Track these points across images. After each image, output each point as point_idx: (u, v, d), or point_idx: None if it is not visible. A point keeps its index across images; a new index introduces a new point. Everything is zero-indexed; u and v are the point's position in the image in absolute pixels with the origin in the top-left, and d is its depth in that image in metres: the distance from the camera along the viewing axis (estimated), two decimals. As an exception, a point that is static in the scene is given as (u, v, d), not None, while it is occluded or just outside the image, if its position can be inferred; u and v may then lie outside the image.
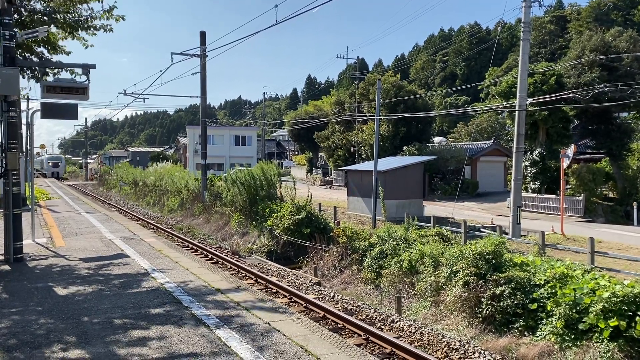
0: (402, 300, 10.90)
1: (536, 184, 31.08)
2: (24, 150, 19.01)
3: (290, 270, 14.53)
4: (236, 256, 16.34)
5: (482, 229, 18.37)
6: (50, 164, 72.97)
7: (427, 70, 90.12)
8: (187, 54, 24.73)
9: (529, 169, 30.90)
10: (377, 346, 8.29)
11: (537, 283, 8.90)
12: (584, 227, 23.24)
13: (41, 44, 11.50)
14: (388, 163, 27.33)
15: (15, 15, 10.53)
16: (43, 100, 10.76)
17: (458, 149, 39.28)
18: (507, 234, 17.39)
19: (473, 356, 8.03)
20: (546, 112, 28.74)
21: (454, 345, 8.43)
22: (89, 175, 73.70)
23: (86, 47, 11.49)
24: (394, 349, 8.03)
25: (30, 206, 15.04)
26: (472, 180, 37.39)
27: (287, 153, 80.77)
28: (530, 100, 21.33)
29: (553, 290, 8.48)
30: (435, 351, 8.34)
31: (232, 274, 12.11)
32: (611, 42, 29.49)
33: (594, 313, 7.45)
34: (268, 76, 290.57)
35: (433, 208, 27.98)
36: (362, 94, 45.03)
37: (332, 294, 11.77)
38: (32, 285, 8.11)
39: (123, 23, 11.60)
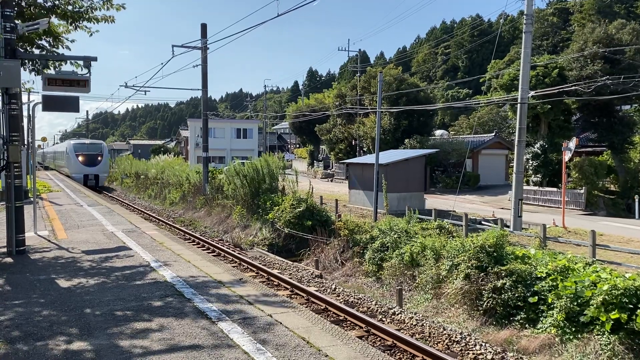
0: (403, 292, 10.93)
1: (538, 177, 31.05)
2: (26, 142, 19.02)
3: (291, 263, 14.56)
4: (238, 249, 16.37)
5: (483, 222, 18.38)
6: (79, 158, 37.61)
7: (428, 63, 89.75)
8: (188, 47, 24.66)
9: (531, 162, 30.85)
10: (379, 338, 8.32)
11: (539, 276, 8.92)
12: (585, 220, 23.24)
13: (42, 37, 11.47)
14: (389, 156, 27.31)
15: (16, 8, 10.50)
16: (44, 93, 10.75)
17: (459, 142, 39.21)
18: (508, 226, 17.40)
19: (474, 348, 8.06)
20: (548, 105, 28.67)
21: (455, 337, 8.46)
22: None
23: (91, 35, 11.44)
24: (395, 341, 8.06)
25: (32, 199, 15.05)
26: (473, 173, 37.36)
27: (289, 146, 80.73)
28: (532, 93, 21.26)
29: (554, 283, 8.49)
30: (437, 343, 8.37)
31: (234, 267, 12.14)
32: (614, 34, 29.36)
33: (595, 306, 7.47)
34: (269, 69, 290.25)
35: (434, 201, 27.99)
36: (363, 87, 44.91)
37: (333, 287, 11.80)
38: (34, 278, 8.14)
39: (123, 15, 11.66)
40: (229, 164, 24.78)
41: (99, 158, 38.09)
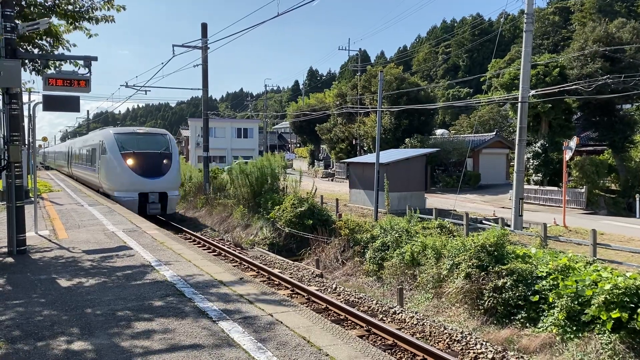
0: (404, 292, 10.93)
1: (538, 176, 31.03)
2: (26, 142, 19.03)
3: (292, 262, 14.58)
4: (238, 248, 16.39)
5: (484, 221, 18.37)
6: (129, 161, 20.06)
7: (429, 62, 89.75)
8: (188, 46, 24.69)
9: (531, 161, 30.83)
10: (379, 337, 8.33)
11: (539, 275, 8.92)
12: (586, 219, 23.22)
13: (43, 37, 11.47)
14: (390, 155, 27.31)
15: (16, 7, 10.50)
16: (45, 93, 10.75)
17: (460, 141, 39.21)
18: (509, 226, 17.40)
19: (475, 347, 8.06)
20: (549, 104, 28.66)
21: (456, 336, 8.46)
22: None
23: (90, 37, 11.49)
24: (395, 341, 8.07)
25: (32, 198, 15.06)
26: (474, 173, 37.34)
27: (289, 145, 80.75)
28: (532, 92, 21.24)
29: (555, 282, 8.50)
30: (437, 342, 8.37)
31: (234, 266, 12.14)
32: (614, 33, 29.32)
33: (596, 305, 7.47)
34: (270, 68, 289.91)
35: (435, 200, 27.98)
36: (364, 86, 44.91)
37: (334, 286, 11.80)
38: (35, 277, 8.14)
39: (124, 15, 11.58)
40: (233, 163, 24.78)
41: (165, 161, 20.50)
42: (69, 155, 35.45)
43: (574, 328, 7.75)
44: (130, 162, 19.86)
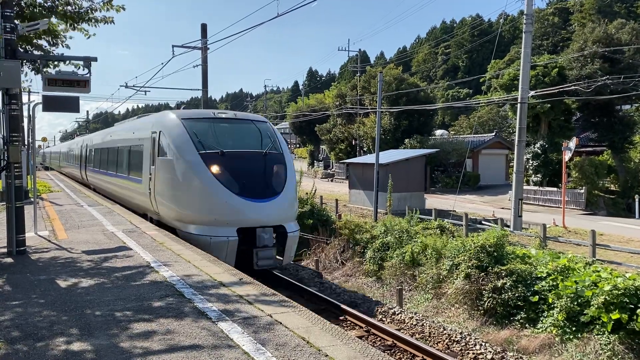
0: (404, 292, 10.93)
1: (538, 177, 31.05)
2: (26, 143, 19.02)
3: (292, 262, 14.57)
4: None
5: (483, 222, 18.38)
6: (215, 166, 11.07)
7: (429, 63, 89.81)
8: (188, 47, 24.67)
9: (531, 162, 30.85)
10: (379, 338, 8.33)
11: (539, 276, 8.93)
12: (585, 219, 23.23)
13: (42, 37, 11.48)
14: (390, 156, 27.32)
15: (16, 8, 10.50)
16: (44, 93, 10.75)
17: (459, 142, 39.22)
18: (508, 226, 17.41)
19: (474, 348, 8.06)
20: (548, 105, 28.68)
21: (455, 337, 8.47)
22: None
23: (88, 37, 11.51)
24: (395, 341, 8.07)
25: (32, 199, 15.05)
26: (473, 173, 37.36)
27: (289, 146, 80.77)
28: (532, 92, 21.26)
29: (554, 283, 8.51)
30: (437, 343, 8.38)
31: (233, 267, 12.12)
32: (614, 34, 29.36)
33: (596, 306, 7.47)
34: (269, 69, 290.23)
35: (434, 201, 27.98)
36: (363, 87, 44.93)
37: (333, 287, 11.80)
38: (34, 278, 8.13)
39: (124, 15, 11.60)
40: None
41: (277, 169, 11.62)
42: (84, 157, 26.04)
43: (574, 329, 7.76)
44: (216, 169, 11.24)
